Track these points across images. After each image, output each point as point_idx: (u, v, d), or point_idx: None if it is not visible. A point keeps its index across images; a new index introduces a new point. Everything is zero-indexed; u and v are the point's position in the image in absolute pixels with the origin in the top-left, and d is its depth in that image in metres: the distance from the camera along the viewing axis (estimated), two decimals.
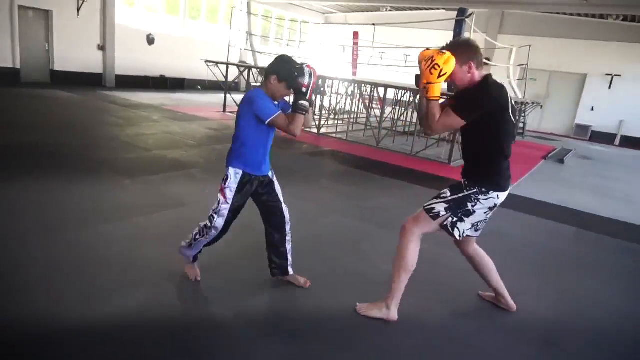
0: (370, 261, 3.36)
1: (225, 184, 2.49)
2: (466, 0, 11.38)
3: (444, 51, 2.20)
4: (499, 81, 2.33)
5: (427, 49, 2.31)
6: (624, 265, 4.01)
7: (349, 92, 11.45)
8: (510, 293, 2.81)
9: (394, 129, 9.66)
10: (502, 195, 2.42)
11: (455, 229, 2.41)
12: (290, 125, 2.35)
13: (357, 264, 3.28)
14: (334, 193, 5.25)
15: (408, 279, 2.48)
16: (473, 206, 2.37)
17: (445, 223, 2.41)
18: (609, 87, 15.50)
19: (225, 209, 2.49)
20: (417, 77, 2.35)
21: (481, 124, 2.27)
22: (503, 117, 2.27)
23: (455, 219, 2.39)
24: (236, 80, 13.53)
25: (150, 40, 13.92)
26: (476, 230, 2.51)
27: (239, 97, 10.85)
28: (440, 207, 2.40)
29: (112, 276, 2.66)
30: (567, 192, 6.67)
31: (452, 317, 2.72)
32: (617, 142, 15.51)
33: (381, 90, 9.95)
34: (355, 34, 14.51)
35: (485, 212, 2.41)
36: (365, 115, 10.98)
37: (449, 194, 2.41)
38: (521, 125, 13.49)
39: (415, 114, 10.35)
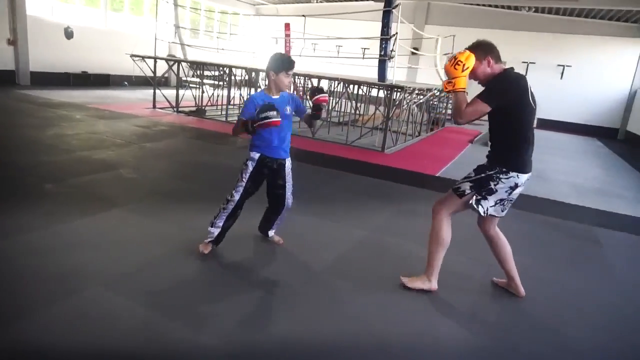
0: (313, 251, 3.42)
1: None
2: None
3: (464, 51, 2.57)
4: (516, 72, 2.60)
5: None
6: (539, 235, 4.39)
7: None
8: (440, 271, 2.99)
9: (329, 119, 9.79)
10: (523, 176, 2.63)
11: (480, 206, 2.69)
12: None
13: (300, 255, 3.33)
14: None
15: (444, 252, 2.80)
16: (495, 185, 2.63)
17: (470, 201, 2.69)
18: (525, 74, 16.63)
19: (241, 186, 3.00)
20: (445, 83, 2.67)
21: (503, 111, 2.54)
22: (521, 104, 2.54)
23: (479, 197, 2.68)
24: (166, 75, 13.04)
25: (69, 34, 12.99)
26: (502, 211, 2.75)
27: (168, 93, 10.52)
28: (466, 186, 2.72)
29: (33, 289, 2.51)
30: None
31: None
32: (534, 124, 16.70)
33: (315, 81, 10.03)
34: (287, 26, 14.42)
35: (506, 191, 2.64)
36: None
37: (473, 174, 2.73)
38: (449, 111, 14.17)
39: (349, 104, 10.52)
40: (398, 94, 8.26)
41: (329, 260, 3.27)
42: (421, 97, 9.89)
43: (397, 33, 7.81)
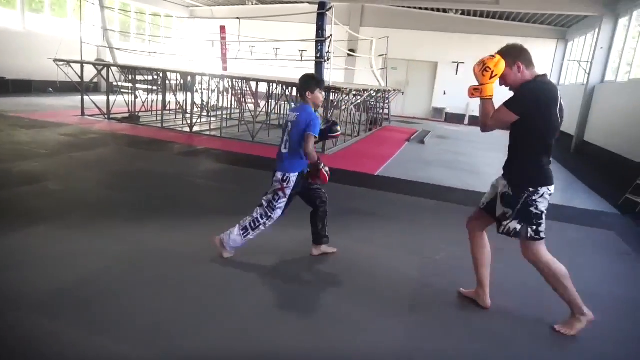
0: (256, 255, 3.39)
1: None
2: None
3: (494, 55, 2.43)
4: (545, 81, 2.46)
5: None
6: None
7: (221, 88, 11.22)
8: (380, 264, 3.07)
9: (269, 122, 9.75)
10: (551, 188, 2.49)
11: (541, 233, 2.52)
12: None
13: (237, 257, 3.29)
14: (214, 192, 5.15)
15: (570, 283, 2.56)
16: (535, 208, 2.48)
17: (529, 236, 2.51)
18: (456, 73, 17.54)
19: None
20: (472, 89, 2.55)
21: (529, 121, 2.41)
22: (549, 114, 2.40)
23: (534, 227, 2.50)
24: (95, 81, 12.38)
25: None
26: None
27: (98, 99, 9.99)
28: (513, 225, 2.52)
29: None
30: (427, 169, 7.44)
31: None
32: (466, 121, 17.65)
33: (253, 84, 9.97)
34: (222, 28, 14.18)
35: (546, 206, 2.50)
36: (238, 111, 10.89)
37: (510, 211, 2.52)
38: (386, 111, 14.60)
39: (288, 105, 10.49)
40: (336, 95, 8.38)
41: (270, 262, 3.26)
42: (359, 97, 10.11)
43: (331, 35, 7.94)
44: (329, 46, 8.00)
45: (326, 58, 8.06)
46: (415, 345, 2.45)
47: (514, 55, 2.46)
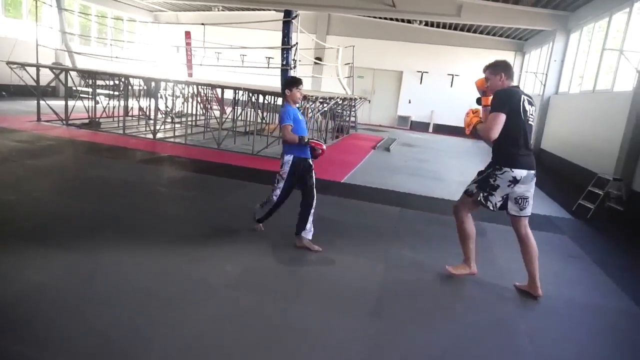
0: (216, 265, 3.33)
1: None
2: (292, 3, 11.91)
3: (473, 115, 3.27)
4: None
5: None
6: (434, 233, 4.71)
7: (186, 94, 11.05)
8: (342, 270, 3.07)
9: (234, 129, 9.66)
10: (517, 171, 3.09)
11: (488, 202, 3.18)
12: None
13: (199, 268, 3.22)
14: (176, 200, 5.03)
15: (474, 242, 3.36)
16: (494, 181, 3.14)
17: (479, 199, 3.21)
18: (420, 83, 17.95)
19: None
20: (478, 99, 3.40)
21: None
22: (515, 111, 3.05)
23: (485, 194, 3.18)
24: (52, 85, 11.94)
25: None
26: (521, 209, 3.18)
27: (56, 104, 9.62)
28: (472, 187, 3.28)
29: None
30: (392, 176, 7.55)
31: None
32: (430, 129, 18.05)
33: (218, 91, 9.87)
34: (187, 34, 14.00)
35: (508, 185, 3.11)
36: (204, 117, 10.74)
37: (477, 177, 3.28)
38: (353, 119, 14.74)
39: (254, 112, 10.43)
40: (302, 102, 8.40)
41: (234, 273, 3.21)
42: (325, 105, 10.17)
43: (297, 43, 7.97)
44: (294, 54, 8.03)
45: (292, 65, 8.07)
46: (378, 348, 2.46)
47: (499, 68, 3.21)
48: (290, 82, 3.86)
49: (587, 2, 10.18)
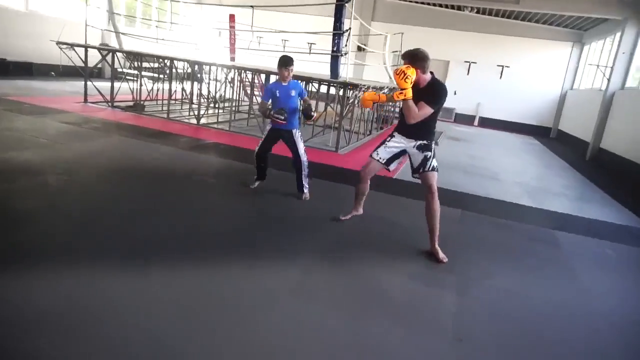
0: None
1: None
2: None
3: (408, 66, 3.23)
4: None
5: None
6: (500, 240, 4.30)
7: (229, 79, 10.83)
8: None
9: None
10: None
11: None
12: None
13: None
14: (223, 194, 4.81)
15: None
16: (434, 151, 3.62)
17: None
18: (467, 73, 17.17)
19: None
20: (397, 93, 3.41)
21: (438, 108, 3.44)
22: (443, 102, 3.44)
23: (436, 164, 3.63)
24: (99, 66, 11.98)
25: None
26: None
27: (102, 85, 9.61)
28: (434, 163, 3.62)
29: None
30: (446, 173, 7.08)
31: None
32: (476, 122, 17.31)
33: (262, 76, 9.60)
34: (232, 17, 13.74)
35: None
36: (247, 103, 10.52)
37: (430, 153, 3.60)
38: (396, 109, 14.22)
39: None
40: (352, 92, 8.01)
41: (295, 278, 2.93)
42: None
43: (350, 28, 7.56)
44: (347, 40, 7.63)
45: (343, 52, 7.68)
46: None
47: (423, 62, 3.30)
48: (279, 62, 4.29)
49: None
